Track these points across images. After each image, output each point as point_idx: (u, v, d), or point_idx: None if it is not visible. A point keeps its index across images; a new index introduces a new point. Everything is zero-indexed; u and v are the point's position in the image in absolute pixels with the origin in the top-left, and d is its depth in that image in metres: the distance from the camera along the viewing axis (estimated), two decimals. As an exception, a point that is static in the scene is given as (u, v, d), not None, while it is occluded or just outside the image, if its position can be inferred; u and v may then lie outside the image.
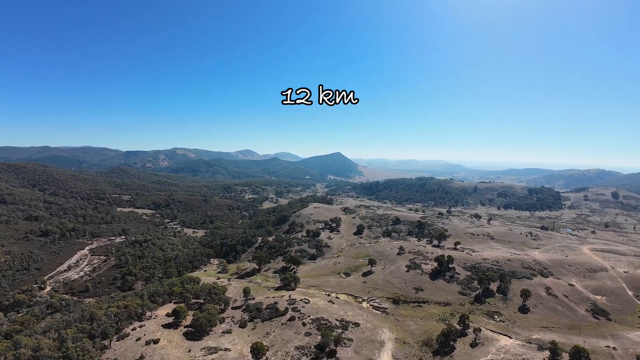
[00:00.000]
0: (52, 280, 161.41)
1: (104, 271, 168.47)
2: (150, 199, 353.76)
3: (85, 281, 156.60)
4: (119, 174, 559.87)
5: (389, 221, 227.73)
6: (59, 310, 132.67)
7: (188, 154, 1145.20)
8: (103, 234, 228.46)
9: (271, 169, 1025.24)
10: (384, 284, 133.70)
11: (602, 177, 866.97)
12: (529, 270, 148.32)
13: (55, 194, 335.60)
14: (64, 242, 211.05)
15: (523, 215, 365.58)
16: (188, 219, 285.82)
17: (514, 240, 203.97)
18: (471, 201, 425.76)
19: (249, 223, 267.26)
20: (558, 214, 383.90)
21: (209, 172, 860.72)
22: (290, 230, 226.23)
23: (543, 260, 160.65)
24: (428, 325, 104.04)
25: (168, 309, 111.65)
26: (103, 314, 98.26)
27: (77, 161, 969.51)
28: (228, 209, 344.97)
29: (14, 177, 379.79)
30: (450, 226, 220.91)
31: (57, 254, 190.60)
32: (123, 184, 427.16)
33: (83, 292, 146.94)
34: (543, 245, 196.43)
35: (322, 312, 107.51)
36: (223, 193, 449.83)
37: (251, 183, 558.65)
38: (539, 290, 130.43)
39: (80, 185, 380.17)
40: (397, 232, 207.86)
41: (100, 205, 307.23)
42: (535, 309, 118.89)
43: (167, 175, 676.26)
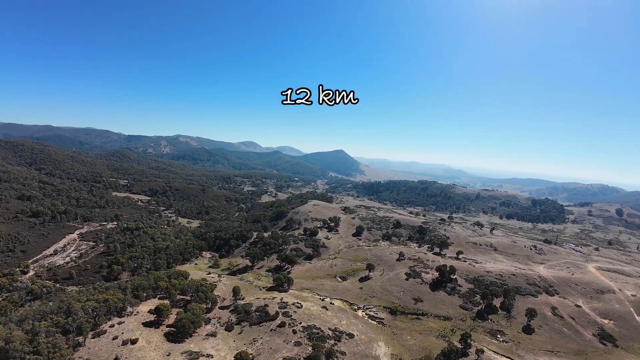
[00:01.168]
0: (37, 265, 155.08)
1: (90, 258, 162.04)
2: (147, 184, 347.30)
3: (70, 268, 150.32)
4: (118, 157, 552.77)
5: (390, 224, 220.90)
6: (40, 297, 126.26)
7: (190, 142, 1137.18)
8: (95, 219, 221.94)
9: (272, 162, 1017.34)
10: (382, 291, 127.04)
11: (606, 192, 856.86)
12: (534, 287, 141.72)
13: (51, 174, 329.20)
14: (54, 224, 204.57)
15: (526, 226, 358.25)
16: (184, 208, 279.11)
17: (517, 253, 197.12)
18: (473, 208, 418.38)
19: (246, 217, 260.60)
20: (561, 227, 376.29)
21: (210, 161, 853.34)
22: (287, 227, 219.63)
23: (549, 277, 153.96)
24: (427, 341, 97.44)
25: (152, 304, 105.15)
26: (80, 307, 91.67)
27: (78, 142, 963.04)
28: (226, 200, 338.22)
29: (11, 155, 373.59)
30: (452, 234, 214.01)
31: (45, 237, 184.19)
32: (121, 168, 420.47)
33: (66, 280, 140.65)
34: (548, 261, 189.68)
35: (315, 319, 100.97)
36: (222, 183, 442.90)
37: (251, 175, 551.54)
38: (545, 309, 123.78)
39: (77, 167, 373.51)
40: (398, 237, 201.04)
41: (96, 188, 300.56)
42: (540, 330, 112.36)
43: (168, 161, 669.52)
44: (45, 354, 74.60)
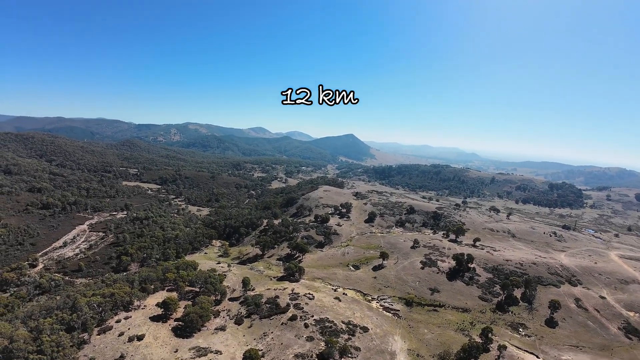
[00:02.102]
0: (46, 257, 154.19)
1: (100, 249, 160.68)
2: (157, 173, 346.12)
3: (79, 260, 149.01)
4: (128, 146, 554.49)
5: (403, 210, 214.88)
6: (48, 291, 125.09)
7: (200, 129, 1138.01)
8: (105, 209, 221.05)
9: (282, 147, 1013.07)
10: (396, 281, 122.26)
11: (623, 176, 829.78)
12: (556, 276, 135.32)
13: (62, 166, 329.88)
14: (64, 215, 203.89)
15: (543, 211, 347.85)
16: (194, 196, 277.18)
17: (537, 240, 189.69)
18: (488, 193, 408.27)
19: (256, 203, 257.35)
20: (579, 212, 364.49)
21: (219, 148, 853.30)
22: (297, 214, 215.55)
23: (571, 266, 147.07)
24: (445, 335, 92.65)
25: (159, 297, 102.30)
26: (86, 302, 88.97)
27: (89, 132, 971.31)
28: (235, 187, 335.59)
29: (22, 147, 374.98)
30: (467, 219, 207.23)
31: (55, 229, 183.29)
32: (131, 157, 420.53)
33: (75, 272, 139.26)
34: (568, 248, 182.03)
35: (327, 311, 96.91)
36: (232, 170, 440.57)
37: (261, 161, 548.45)
38: (568, 301, 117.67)
39: (88, 157, 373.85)
40: (411, 223, 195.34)
41: (106, 178, 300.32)
42: (564, 323, 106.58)
43: (177, 149, 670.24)
44: (49, 353, 72.13)
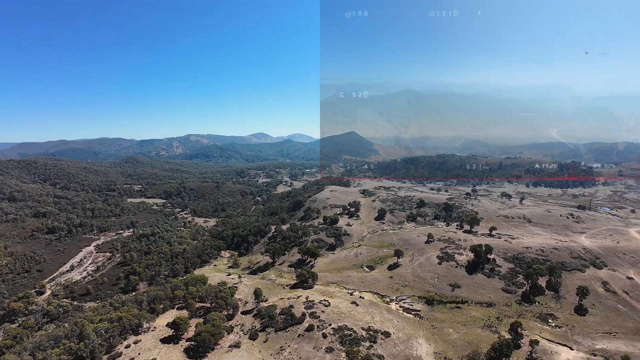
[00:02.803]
0: (54, 283, 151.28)
1: (108, 270, 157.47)
2: (161, 187, 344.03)
3: (87, 283, 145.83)
4: (131, 163, 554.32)
5: (413, 204, 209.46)
6: (57, 318, 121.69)
7: (201, 140, 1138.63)
8: (111, 228, 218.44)
9: (285, 151, 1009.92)
10: (414, 279, 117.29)
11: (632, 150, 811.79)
12: (579, 260, 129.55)
13: (66, 188, 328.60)
14: (70, 238, 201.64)
15: (555, 192, 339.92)
16: (199, 207, 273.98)
17: (554, 223, 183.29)
18: (497, 179, 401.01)
19: (262, 210, 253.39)
20: (592, 191, 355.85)
21: (222, 157, 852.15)
22: (305, 217, 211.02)
23: (593, 247, 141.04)
24: (471, 333, 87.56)
25: (169, 316, 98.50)
26: (93, 329, 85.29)
27: (92, 153, 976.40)
28: (241, 194, 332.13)
29: (25, 173, 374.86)
30: (480, 208, 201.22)
31: (62, 253, 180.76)
32: (135, 174, 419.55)
33: (84, 296, 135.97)
34: (588, 229, 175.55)
35: (345, 318, 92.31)
36: (236, 178, 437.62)
37: (265, 166, 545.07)
38: (595, 285, 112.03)
39: (91, 178, 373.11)
40: (423, 216, 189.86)
41: (111, 197, 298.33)
42: (593, 309, 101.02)
43: (181, 162, 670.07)
44: (56, 388, 68.48)
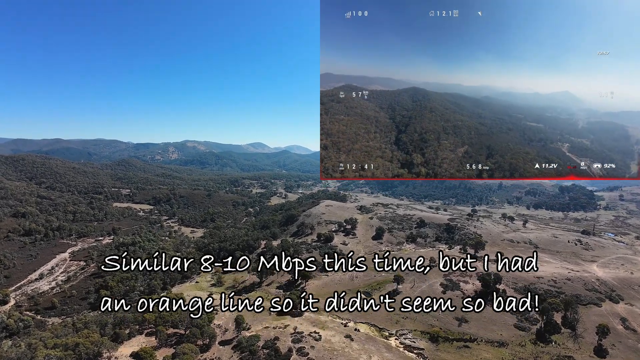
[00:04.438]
0: (20, 292, 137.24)
1: (79, 281, 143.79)
2: (150, 193, 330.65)
3: (53, 295, 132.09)
4: (124, 166, 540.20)
5: (413, 223, 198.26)
6: (16, 333, 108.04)
7: (198, 147, 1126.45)
8: (91, 234, 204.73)
9: (281, 162, 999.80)
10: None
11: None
12: (594, 293, 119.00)
13: (51, 188, 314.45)
14: (46, 243, 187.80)
15: (556, 216, 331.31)
16: (187, 216, 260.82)
17: (562, 250, 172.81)
18: (497, 199, 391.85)
19: (253, 222, 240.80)
20: (594, 215, 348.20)
21: (218, 164, 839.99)
22: (298, 233, 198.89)
23: (607, 279, 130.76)
24: (485, 382, 75.61)
25: (135, 344, 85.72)
26: (44, 356, 72.47)
27: (87, 153, 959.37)
28: (233, 205, 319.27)
29: (12, 170, 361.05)
30: (483, 230, 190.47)
31: (34, 258, 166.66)
32: (125, 177, 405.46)
33: (49, 310, 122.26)
34: (598, 257, 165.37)
35: (338, 356, 79.96)
36: (230, 187, 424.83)
37: (260, 176, 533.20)
38: (614, 322, 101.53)
39: (79, 178, 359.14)
40: (423, 237, 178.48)
41: (96, 200, 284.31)
42: (614, 350, 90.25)
43: (175, 167, 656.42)
44: None
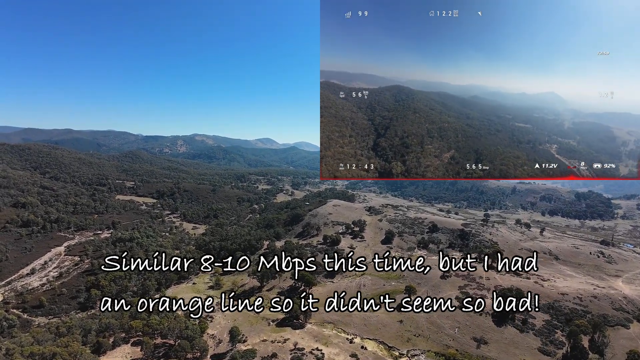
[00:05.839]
0: (9, 288, 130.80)
1: (71, 278, 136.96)
2: (154, 186, 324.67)
3: (44, 291, 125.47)
4: (131, 158, 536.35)
5: (424, 227, 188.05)
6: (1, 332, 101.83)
7: (206, 140, 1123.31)
8: (89, 227, 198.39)
9: (289, 158, 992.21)
10: (429, 326, 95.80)
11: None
12: (621, 312, 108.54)
13: (55, 178, 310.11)
14: (43, 235, 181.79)
15: (573, 224, 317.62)
16: (190, 211, 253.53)
17: (584, 262, 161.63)
18: (510, 204, 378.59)
19: (257, 220, 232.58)
20: (611, 224, 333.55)
21: (225, 159, 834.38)
22: (303, 234, 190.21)
23: (635, 297, 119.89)
24: (510, 419, 66.13)
25: (119, 355, 77.94)
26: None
27: (96, 144, 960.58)
28: (237, 201, 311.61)
29: (17, 159, 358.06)
30: (499, 238, 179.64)
31: (28, 252, 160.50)
32: (131, 169, 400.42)
33: (36, 308, 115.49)
34: (622, 272, 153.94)
35: (342, 380, 71.04)
36: (235, 182, 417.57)
37: (267, 172, 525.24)
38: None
39: (84, 169, 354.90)
40: (436, 243, 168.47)
41: (99, 192, 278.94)
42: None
43: (182, 161, 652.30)
44: None
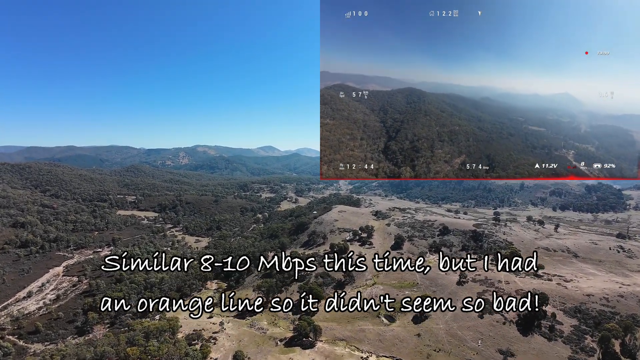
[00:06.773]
0: (4, 313, 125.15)
1: (69, 300, 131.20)
2: (156, 200, 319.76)
3: (41, 316, 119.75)
4: (132, 172, 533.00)
5: (435, 230, 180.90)
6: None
7: (208, 151, 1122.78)
8: (89, 245, 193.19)
9: (292, 165, 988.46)
10: (450, 339, 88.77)
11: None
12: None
13: (56, 196, 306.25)
14: (42, 255, 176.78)
15: (585, 218, 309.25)
16: (192, 224, 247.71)
17: (604, 258, 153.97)
18: (519, 201, 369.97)
19: (261, 230, 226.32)
20: (624, 216, 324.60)
21: (227, 169, 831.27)
22: (309, 243, 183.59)
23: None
24: None
25: (115, 389, 71.44)
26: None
27: (99, 160, 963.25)
28: (241, 211, 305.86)
29: (17, 178, 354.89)
30: (514, 237, 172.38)
31: (26, 273, 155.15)
32: (132, 184, 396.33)
33: (32, 334, 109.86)
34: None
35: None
36: (238, 192, 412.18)
37: (270, 180, 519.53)
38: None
39: (85, 186, 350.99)
40: (448, 246, 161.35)
41: (100, 208, 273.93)
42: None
43: (184, 173, 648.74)
44: None
